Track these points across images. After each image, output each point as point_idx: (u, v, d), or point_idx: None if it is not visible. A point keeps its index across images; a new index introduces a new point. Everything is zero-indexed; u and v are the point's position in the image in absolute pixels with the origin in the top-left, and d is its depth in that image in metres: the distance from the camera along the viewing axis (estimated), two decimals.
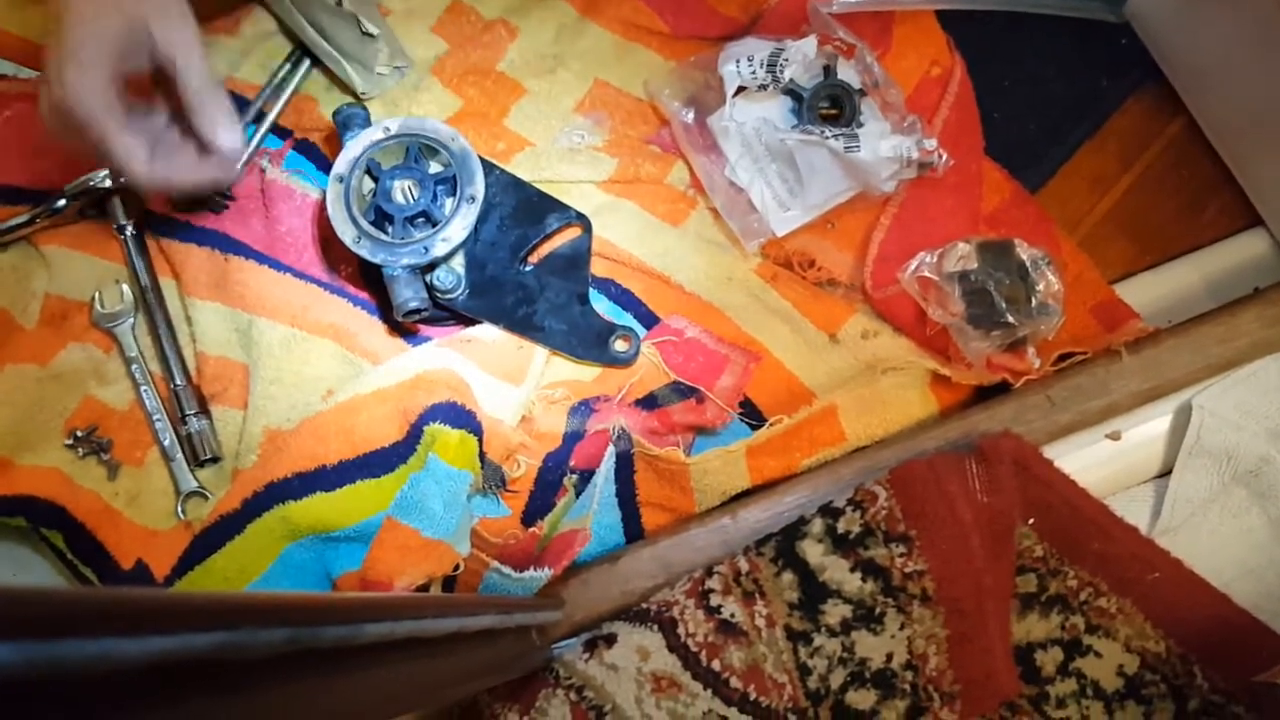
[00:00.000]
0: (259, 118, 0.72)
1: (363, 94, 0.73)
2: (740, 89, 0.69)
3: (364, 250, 0.63)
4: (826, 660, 0.60)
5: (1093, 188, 0.77)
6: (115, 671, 0.17)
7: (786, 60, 0.68)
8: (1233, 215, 0.76)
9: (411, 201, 0.64)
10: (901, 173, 0.69)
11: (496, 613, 0.47)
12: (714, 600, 0.61)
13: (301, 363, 0.68)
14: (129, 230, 0.70)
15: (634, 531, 0.69)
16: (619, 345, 0.70)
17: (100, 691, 0.17)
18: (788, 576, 0.62)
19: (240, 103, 0.72)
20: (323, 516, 0.63)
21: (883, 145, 0.67)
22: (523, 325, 0.69)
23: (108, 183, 0.68)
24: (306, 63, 0.73)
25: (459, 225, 0.63)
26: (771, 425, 0.68)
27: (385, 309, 0.70)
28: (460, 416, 0.62)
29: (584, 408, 0.70)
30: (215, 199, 0.70)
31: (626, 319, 0.72)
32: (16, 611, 0.16)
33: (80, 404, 0.69)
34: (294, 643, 0.24)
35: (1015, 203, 0.74)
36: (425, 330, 0.71)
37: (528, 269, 0.69)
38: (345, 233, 0.63)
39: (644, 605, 0.63)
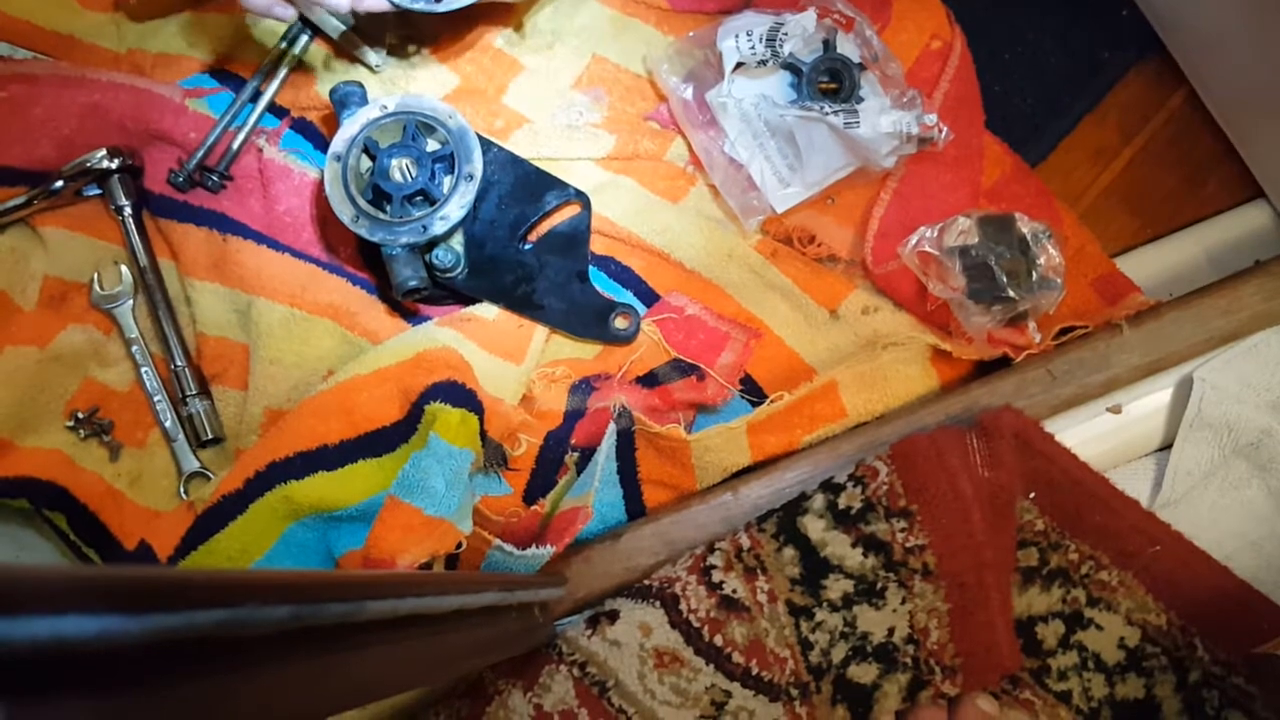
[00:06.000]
0: (255, 96, 0.72)
1: (376, 67, 0.72)
2: (739, 64, 0.69)
3: (362, 229, 0.62)
4: (828, 635, 0.61)
5: (1094, 161, 0.77)
6: (117, 649, 0.17)
7: (785, 34, 0.68)
8: (1234, 188, 0.76)
9: (409, 180, 0.64)
10: (901, 148, 0.69)
11: (499, 590, 0.47)
12: (716, 576, 0.62)
13: (301, 343, 0.68)
14: (127, 211, 0.70)
15: (635, 509, 0.69)
16: (619, 323, 0.70)
17: (102, 669, 0.17)
18: (789, 552, 0.62)
19: (236, 82, 0.72)
20: (325, 496, 0.63)
21: (882, 121, 0.67)
22: (522, 304, 0.69)
23: (105, 163, 0.68)
24: (303, 40, 0.72)
25: (457, 203, 0.63)
26: (772, 402, 0.68)
27: (384, 288, 0.70)
28: (461, 395, 0.62)
29: (584, 386, 0.70)
30: (212, 179, 0.70)
31: (626, 296, 0.71)
32: (16, 590, 0.16)
33: (81, 385, 0.69)
34: (297, 620, 0.24)
35: (1016, 177, 0.74)
36: (425, 309, 0.71)
37: (527, 247, 0.69)
38: (343, 212, 0.63)
39: (646, 582, 0.63)
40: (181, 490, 0.68)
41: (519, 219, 0.69)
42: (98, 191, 0.70)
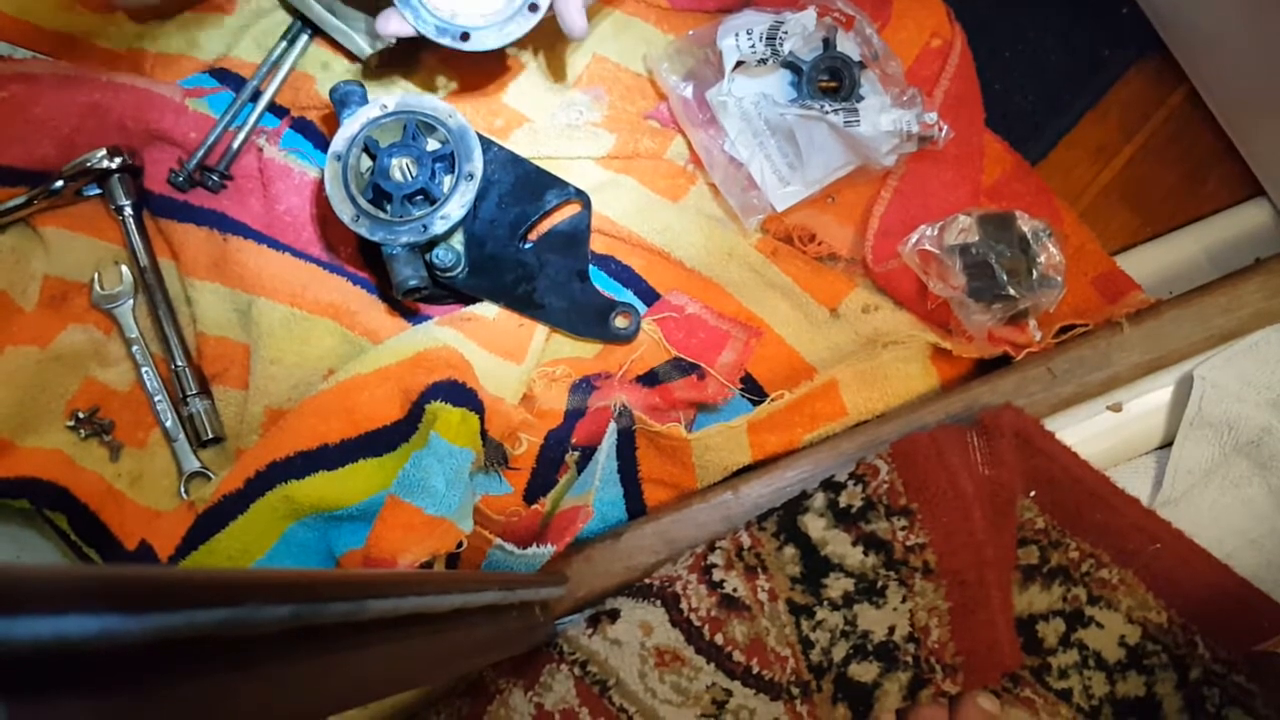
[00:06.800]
0: (255, 96, 0.72)
1: (368, 58, 0.72)
2: (739, 63, 0.69)
3: (362, 229, 0.62)
4: (829, 633, 0.61)
5: (1094, 159, 0.77)
6: (118, 648, 0.17)
7: (785, 33, 0.67)
8: (1234, 186, 0.76)
9: (410, 179, 0.64)
10: (902, 146, 0.69)
11: (500, 589, 0.47)
12: (716, 575, 0.62)
13: (302, 342, 0.68)
14: (127, 211, 0.70)
15: (636, 508, 0.69)
16: (619, 322, 0.70)
17: (103, 668, 0.17)
18: (790, 551, 0.62)
19: (237, 81, 0.72)
20: (325, 495, 0.63)
21: (883, 119, 0.67)
22: (523, 303, 0.69)
23: (105, 163, 0.68)
24: (303, 40, 0.72)
25: (457, 202, 0.63)
26: (773, 400, 0.68)
27: (385, 288, 0.70)
28: (461, 394, 0.62)
29: (585, 385, 0.70)
30: (212, 179, 0.70)
31: (627, 295, 0.71)
32: (18, 590, 0.16)
33: (81, 385, 0.69)
34: (298, 619, 0.24)
35: (1016, 175, 0.74)
36: (425, 309, 0.71)
37: (527, 246, 0.69)
38: (343, 211, 0.63)
39: (647, 581, 0.63)
40: (182, 490, 0.68)
41: (519, 218, 0.69)
42: (98, 191, 0.70)
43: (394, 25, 0.64)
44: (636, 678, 0.60)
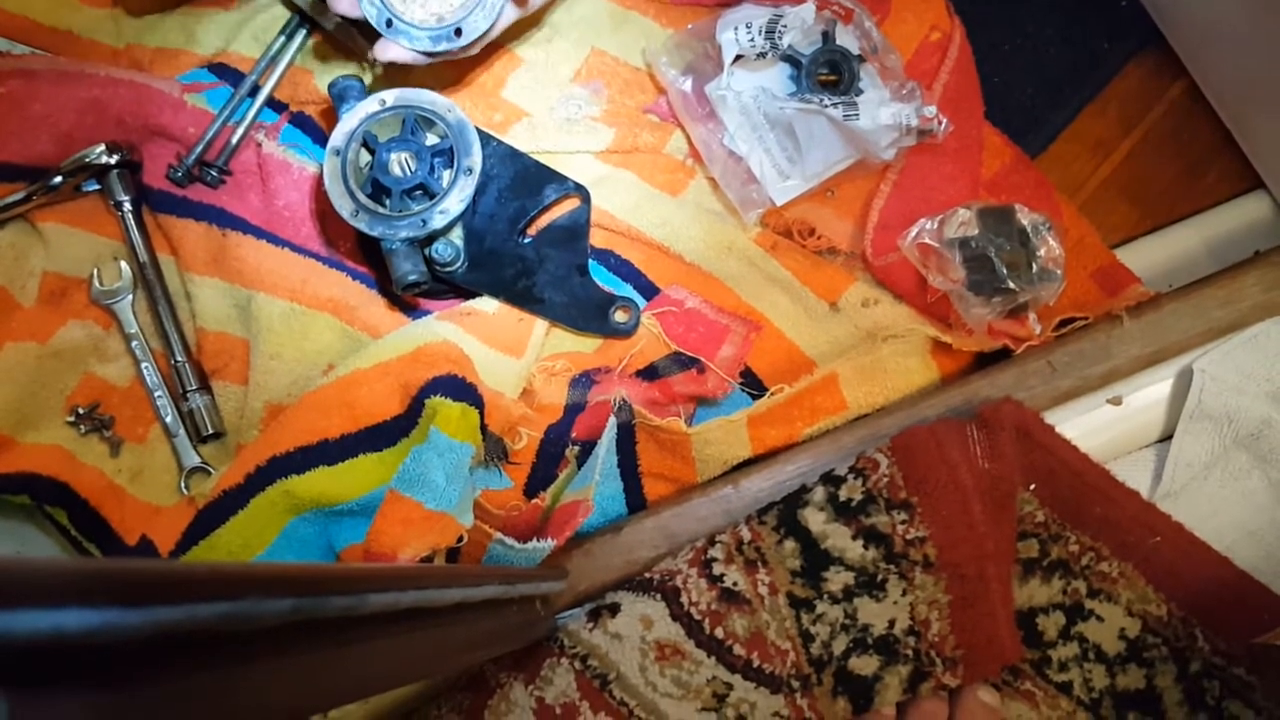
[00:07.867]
0: (254, 91, 0.72)
1: (374, 60, 0.72)
2: (738, 57, 0.69)
3: (362, 223, 0.62)
4: (829, 627, 0.61)
5: (1093, 152, 0.77)
6: (118, 642, 0.17)
7: (785, 26, 0.67)
8: (1234, 178, 0.76)
9: (409, 174, 0.64)
10: (901, 140, 0.69)
11: (500, 583, 0.47)
12: (716, 569, 0.62)
13: (301, 337, 0.68)
14: (126, 206, 0.70)
15: (636, 502, 0.69)
16: (619, 316, 0.70)
17: (102, 662, 0.17)
18: (790, 545, 0.62)
19: (235, 76, 0.72)
20: (325, 490, 0.63)
21: (882, 113, 0.66)
22: (522, 297, 0.69)
23: (104, 159, 0.68)
24: (302, 34, 0.72)
25: (457, 197, 0.63)
26: (772, 394, 0.68)
27: (384, 283, 0.70)
28: (461, 389, 0.62)
29: (585, 379, 0.70)
30: (211, 174, 0.70)
31: (626, 290, 0.71)
32: (17, 583, 0.16)
33: (81, 381, 0.69)
34: (299, 613, 0.24)
35: (1016, 168, 0.74)
36: (425, 303, 0.71)
37: (526, 241, 0.69)
38: (343, 206, 0.63)
39: (647, 575, 0.63)
40: (182, 485, 0.68)
41: (519, 213, 0.69)
42: (96, 187, 0.70)
43: (392, 53, 0.64)
44: (637, 671, 0.60)
